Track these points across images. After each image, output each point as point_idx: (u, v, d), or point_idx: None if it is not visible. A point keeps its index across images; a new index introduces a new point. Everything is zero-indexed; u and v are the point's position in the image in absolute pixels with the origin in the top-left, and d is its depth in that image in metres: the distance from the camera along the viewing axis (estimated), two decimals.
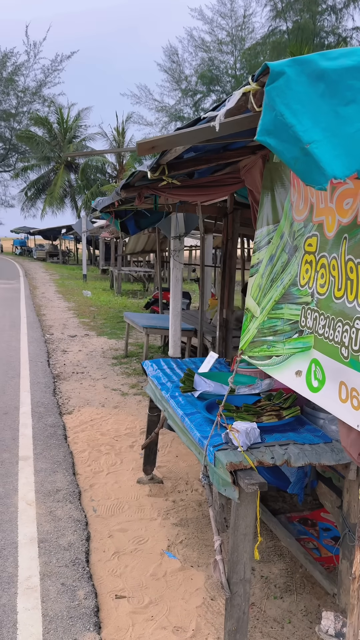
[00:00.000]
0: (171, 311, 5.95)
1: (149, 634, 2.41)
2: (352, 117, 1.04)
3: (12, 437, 4.53)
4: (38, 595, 2.61)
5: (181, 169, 2.06)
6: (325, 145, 1.02)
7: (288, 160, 1.06)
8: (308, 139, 1.02)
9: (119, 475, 3.93)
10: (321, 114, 1.05)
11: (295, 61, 1.09)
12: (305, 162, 1.03)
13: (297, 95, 1.06)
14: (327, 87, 1.06)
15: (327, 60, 1.08)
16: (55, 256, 36.41)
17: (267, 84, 1.07)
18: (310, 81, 1.07)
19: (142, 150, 1.31)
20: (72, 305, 13.21)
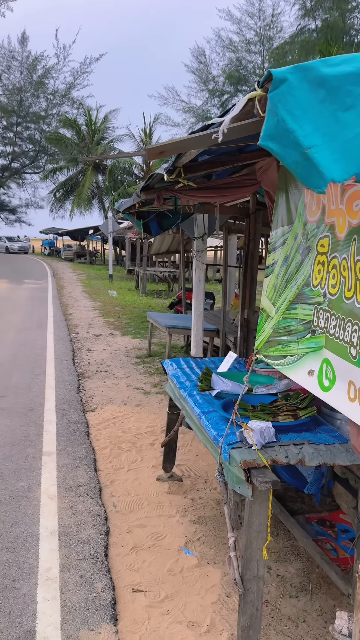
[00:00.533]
0: (193, 311, 6.00)
1: (164, 627, 2.45)
2: (351, 122, 1.06)
3: (37, 433, 4.64)
4: (57, 587, 2.68)
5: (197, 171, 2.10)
6: (325, 149, 1.04)
7: (289, 165, 1.08)
8: (308, 143, 1.05)
9: (139, 472, 3.99)
10: (321, 119, 1.07)
11: (297, 68, 1.12)
12: (305, 166, 1.05)
13: (298, 101, 1.09)
14: (327, 93, 1.08)
15: (329, 66, 1.10)
16: (83, 257, 36.85)
17: (270, 90, 1.10)
18: (311, 87, 1.09)
19: (151, 154, 1.35)
20: (98, 305, 13.37)
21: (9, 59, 44.27)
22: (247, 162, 2.18)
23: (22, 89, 44.71)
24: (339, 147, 1.04)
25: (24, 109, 45.34)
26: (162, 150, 1.35)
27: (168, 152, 1.38)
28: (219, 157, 2.15)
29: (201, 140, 1.31)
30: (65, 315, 11.45)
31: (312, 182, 1.05)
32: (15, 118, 45.44)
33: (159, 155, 1.38)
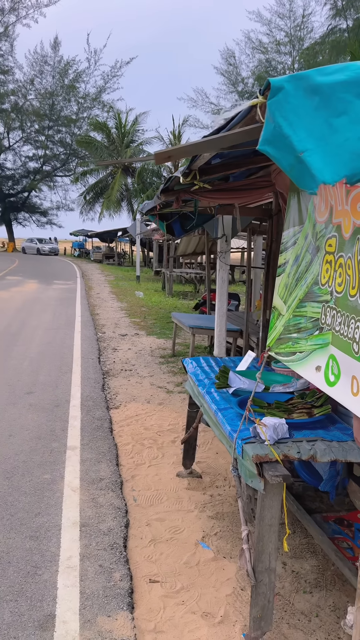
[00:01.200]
0: (217, 311, 6.05)
1: (178, 616, 2.52)
2: (342, 128, 1.11)
3: (62, 428, 4.78)
4: (77, 574, 2.78)
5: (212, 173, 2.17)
6: (317, 153, 1.10)
7: (284, 167, 1.14)
8: (302, 147, 1.10)
9: (159, 468, 4.08)
10: (315, 125, 1.13)
11: (293, 77, 1.18)
12: (299, 169, 1.11)
13: (293, 108, 1.15)
14: (321, 100, 1.14)
15: (323, 75, 1.16)
16: (111, 258, 37.28)
17: (268, 98, 1.16)
18: (306, 95, 1.15)
19: (159, 159, 1.43)
20: (125, 306, 13.55)
21: (41, 64, 45.19)
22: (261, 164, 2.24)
23: (54, 93, 45.55)
24: (331, 151, 1.09)
25: (55, 112, 46.17)
26: (170, 155, 1.42)
27: (175, 156, 1.45)
28: (233, 160, 2.21)
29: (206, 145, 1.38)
30: (92, 315, 11.65)
31: (305, 183, 1.11)
32: (47, 122, 46.31)
33: (166, 159, 1.45)
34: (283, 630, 2.46)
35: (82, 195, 42.16)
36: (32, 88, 45.52)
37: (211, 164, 2.16)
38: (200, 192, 2.56)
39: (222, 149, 1.54)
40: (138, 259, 21.79)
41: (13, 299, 13.91)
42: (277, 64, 34.37)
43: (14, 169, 50.38)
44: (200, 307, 10.05)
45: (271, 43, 34.35)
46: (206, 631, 2.43)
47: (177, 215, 4.72)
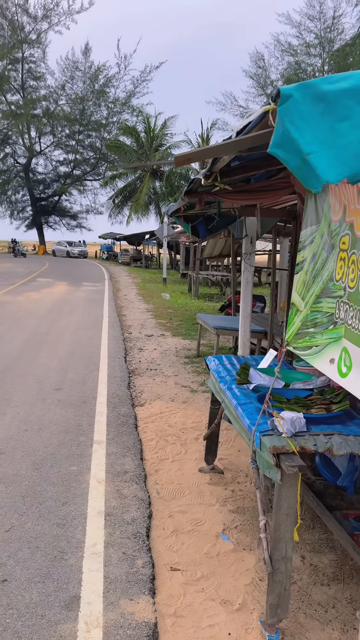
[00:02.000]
0: (241, 312, 6.12)
1: (198, 603, 2.61)
2: (345, 132, 1.19)
3: (89, 423, 4.93)
4: (101, 560, 2.90)
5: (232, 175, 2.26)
6: (322, 155, 1.18)
7: (292, 168, 1.23)
8: (308, 150, 1.19)
9: (182, 463, 4.17)
10: (320, 129, 1.21)
11: (301, 85, 1.26)
12: (305, 170, 1.19)
13: (301, 114, 1.23)
14: (326, 106, 1.22)
15: (329, 83, 1.24)
16: (139, 261, 37.64)
17: (278, 105, 1.25)
18: (313, 102, 1.24)
19: (179, 162, 1.53)
20: (151, 307, 13.71)
21: (72, 70, 46.07)
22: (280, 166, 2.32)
23: (85, 98, 46.34)
24: (334, 153, 1.17)
25: (85, 117, 46.95)
26: (189, 158, 1.52)
27: (194, 159, 1.55)
28: (252, 162, 2.30)
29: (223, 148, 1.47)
30: (119, 316, 11.84)
31: (310, 183, 1.19)
32: (77, 126, 47.13)
33: (186, 162, 1.55)
34: (300, 619, 2.52)
35: (111, 199, 42.73)
36: (63, 93, 46.44)
37: (231, 167, 2.25)
38: (222, 194, 2.65)
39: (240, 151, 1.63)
40: (165, 262, 21.97)
41: (43, 300, 14.23)
42: (306, 66, 34.23)
43: (45, 173, 51.47)
44: (226, 309, 10.12)
45: (301, 45, 34.24)
46: (224, 617, 2.51)
47: (201, 217, 4.81)
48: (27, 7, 43.28)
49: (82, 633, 2.35)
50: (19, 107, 44.49)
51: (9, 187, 49.67)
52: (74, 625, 2.40)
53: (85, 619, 2.45)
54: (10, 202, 51.10)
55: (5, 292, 15.82)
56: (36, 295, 15.52)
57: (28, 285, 18.45)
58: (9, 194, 50.32)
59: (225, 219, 5.07)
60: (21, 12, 42.93)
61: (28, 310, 12.21)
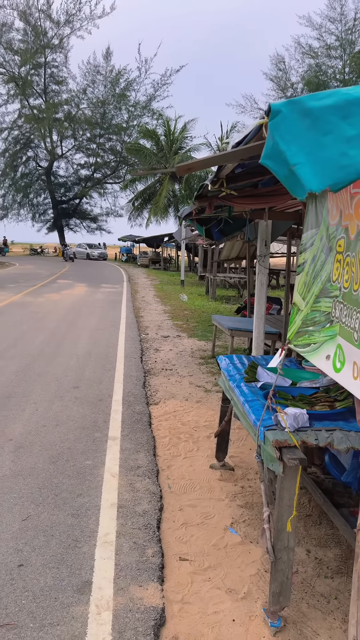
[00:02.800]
0: (255, 314, 6.21)
1: (204, 591, 2.72)
2: (328, 145, 1.29)
3: (104, 420, 5.07)
4: (113, 549, 3.03)
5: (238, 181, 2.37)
6: (306, 166, 1.28)
7: (280, 178, 1.34)
8: (294, 161, 1.30)
9: (194, 460, 4.29)
10: (306, 142, 1.32)
11: (290, 102, 1.37)
12: (292, 179, 1.30)
13: (289, 128, 1.34)
14: (312, 121, 1.32)
15: (314, 100, 1.35)
16: (157, 263, 37.88)
17: (269, 120, 1.36)
18: (300, 117, 1.34)
19: (181, 170, 1.64)
20: (168, 309, 13.86)
21: (93, 74, 46.59)
22: None
23: (106, 101, 46.80)
24: (318, 164, 1.28)
25: (106, 121, 47.42)
26: (190, 167, 1.63)
27: (195, 168, 1.66)
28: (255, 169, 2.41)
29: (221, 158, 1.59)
30: (137, 318, 12.01)
31: (296, 191, 1.30)
32: (98, 130, 47.62)
33: (187, 171, 1.67)
34: (302, 609, 2.61)
35: (130, 202, 43.08)
36: (85, 97, 47.01)
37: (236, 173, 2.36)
38: (229, 198, 2.76)
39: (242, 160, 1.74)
40: (183, 264, 22.13)
41: (63, 301, 14.48)
42: (327, 68, 34.12)
43: (66, 177, 52.12)
44: (242, 311, 10.20)
45: (321, 47, 34.15)
46: (229, 605, 2.62)
47: (215, 220, 4.93)
48: (50, 13, 43.96)
49: (93, 615, 2.48)
50: (41, 111, 45.16)
51: (31, 190, 50.42)
52: (86, 607, 2.53)
53: (96, 602, 2.58)
54: (32, 205, 51.88)
55: (27, 294, 16.13)
56: (56, 296, 15.80)
57: (49, 287, 18.77)
58: (31, 197, 51.09)
59: (238, 222, 5.18)
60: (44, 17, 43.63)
61: (48, 310, 12.46)
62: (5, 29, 43.04)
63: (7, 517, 3.29)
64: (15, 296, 15.30)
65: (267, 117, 1.38)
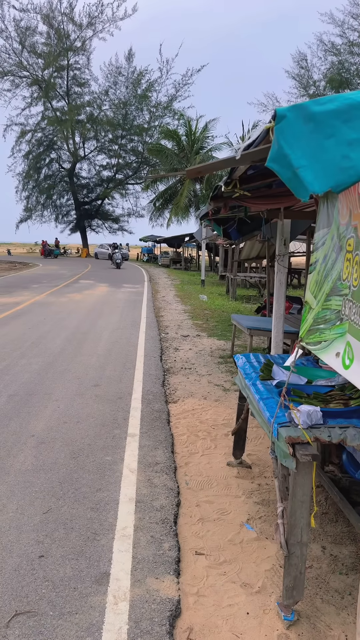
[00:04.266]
0: (274, 313, 6.22)
1: (219, 584, 2.77)
2: (330, 148, 1.33)
3: (124, 417, 5.16)
4: (130, 542, 3.10)
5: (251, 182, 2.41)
6: (309, 169, 1.33)
7: (285, 180, 1.38)
8: (297, 164, 1.34)
9: (211, 457, 4.34)
10: (309, 146, 1.36)
11: (294, 107, 1.42)
12: (295, 182, 1.34)
13: (293, 132, 1.38)
14: (315, 125, 1.37)
15: (318, 105, 1.39)
16: (178, 263, 37.97)
17: (275, 124, 1.41)
18: (304, 121, 1.38)
19: (191, 174, 1.70)
20: (188, 309, 13.92)
21: (115, 75, 46.93)
22: None
23: (127, 103, 47.10)
24: (320, 167, 1.32)
25: (128, 122, 47.71)
26: (199, 171, 1.68)
27: (204, 172, 1.71)
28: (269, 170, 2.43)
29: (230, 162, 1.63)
30: (157, 317, 12.10)
31: (299, 192, 1.34)
32: (120, 131, 47.95)
33: (197, 174, 1.72)
34: (316, 603, 2.65)
35: (152, 202, 43.27)
36: (107, 99, 47.38)
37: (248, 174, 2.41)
38: (243, 199, 2.81)
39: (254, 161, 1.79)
40: (203, 263, 22.15)
41: (85, 301, 14.67)
42: (350, 65, 33.73)
43: (89, 178, 52.63)
44: (262, 311, 10.20)
45: (344, 45, 33.79)
46: (244, 598, 2.66)
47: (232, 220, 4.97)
48: (73, 16, 44.42)
49: (110, 605, 2.56)
50: (64, 113, 45.70)
51: (54, 191, 51.05)
52: (103, 597, 2.61)
53: (113, 592, 2.65)
54: (56, 206, 52.51)
55: (50, 294, 16.38)
56: (78, 296, 16.00)
57: (71, 287, 19.01)
58: (54, 198, 51.73)
59: (256, 222, 5.21)
60: (67, 20, 44.13)
61: (70, 310, 12.64)
62: (29, 32, 43.69)
63: (29, 510, 3.39)
64: (38, 296, 15.56)
65: (273, 121, 1.43)
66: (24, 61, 44.46)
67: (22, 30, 43.38)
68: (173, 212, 38.71)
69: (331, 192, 2.05)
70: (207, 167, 1.67)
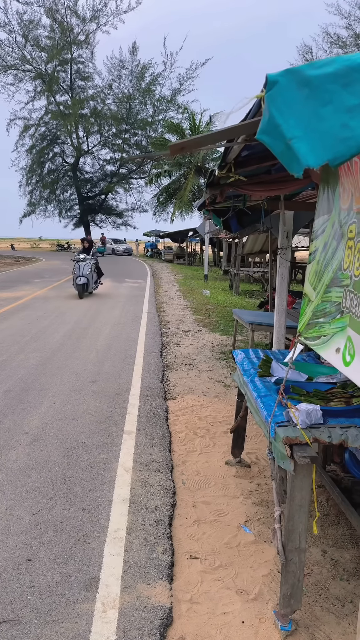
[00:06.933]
0: (276, 308, 6.06)
1: (214, 591, 2.64)
2: (327, 116, 1.19)
3: (121, 414, 5.03)
4: (122, 545, 2.97)
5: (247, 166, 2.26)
6: (304, 140, 1.18)
7: (277, 154, 1.24)
8: (290, 135, 1.19)
9: (210, 456, 4.20)
10: (303, 114, 1.21)
11: (287, 71, 1.27)
12: (288, 155, 1.20)
13: (285, 99, 1.24)
14: (310, 91, 1.22)
15: (314, 69, 1.24)
16: (182, 258, 37.77)
17: (265, 92, 1.26)
18: (298, 87, 1.24)
19: (173, 150, 1.55)
20: (191, 304, 13.76)
21: (119, 69, 46.56)
22: None
23: (131, 97, 46.76)
24: (316, 137, 1.17)
25: (132, 116, 47.39)
26: (183, 147, 1.54)
27: (188, 148, 1.56)
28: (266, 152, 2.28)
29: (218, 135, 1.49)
30: (158, 312, 11.96)
31: (292, 167, 1.20)
32: (124, 125, 47.63)
33: (180, 151, 1.57)
34: (315, 612, 2.51)
35: (155, 197, 43.01)
36: (110, 93, 47.03)
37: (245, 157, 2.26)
38: (239, 185, 2.65)
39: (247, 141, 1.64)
40: (206, 258, 21.97)
41: (86, 296, 14.53)
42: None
43: (92, 172, 52.34)
44: (265, 306, 10.04)
45: (350, 37, 33.36)
46: (239, 606, 2.53)
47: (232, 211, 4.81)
48: (76, 9, 44.06)
49: (99, 613, 2.43)
50: (68, 108, 45.41)
51: (58, 186, 50.81)
52: (92, 605, 2.48)
53: (102, 599, 2.53)
54: (59, 201, 52.27)
55: (51, 289, 16.26)
56: None
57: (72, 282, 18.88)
58: (58, 192, 51.48)
59: (257, 213, 5.05)
60: (70, 13, 43.76)
61: (70, 305, 12.52)
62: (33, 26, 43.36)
63: (18, 510, 3.27)
64: (39, 291, 15.44)
65: (264, 90, 1.29)
66: (27, 55, 44.15)
67: (26, 23, 43.06)
68: (177, 206, 38.45)
69: (332, 174, 1.90)
70: (191, 142, 1.53)
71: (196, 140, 1.53)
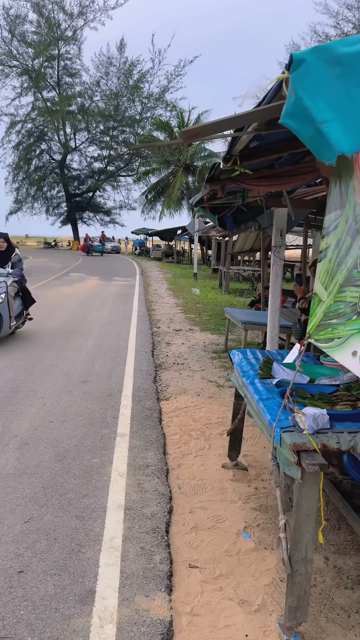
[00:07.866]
0: (270, 307, 5.98)
1: (215, 602, 2.54)
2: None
3: (113, 416, 4.91)
4: (119, 554, 2.86)
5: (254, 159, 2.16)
6: (336, 124, 1.08)
7: (305, 139, 1.13)
8: (321, 119, 1.09)
9: (206, 459, 4.10)
10: (335, 95, 1.11)
11: (316, 49, 1.16)
12: (318, 140, 1.10)
13: (314, 79, 1.13)
14: (342, 70, 1.12)
15: (346, 45, 1.14)
16: (171, 256, 37.65)
17: (290, 72, 1.15)
18: (328, 66, 1.13)
19: (187, 137, 1.44)
20: (181, 302, 13.66)
21: (107, 66, 46.27)
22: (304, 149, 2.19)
23: (119, 94, 46.47)
24: (350, 120, 1.08)
25: (120, 113, 47.10)
26: (197, 133, 1.43)
27: (201, 134, 1.46)
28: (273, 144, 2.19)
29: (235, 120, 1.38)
30: (148, 311, 11.83)
31: (323, 154, 1.10)
32: (111, 122, 47.32)
33: (193, 137, 1.46)
34: (321, 623, 2.42)
35: (143, 195, 42.81)
36: (98, 89, 46.71)
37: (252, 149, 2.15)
38: (243, 179, 2.55)
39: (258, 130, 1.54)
40: (195, 257, 21.90)
41: (75, 295, 14.36)
42: None
43: (80, 170, 51.97)
44: (256, 304, 9.97)
45: (338, 36, 33.46)
46: (242, 618, 2.43)
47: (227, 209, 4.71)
48: (64, 5, 43.65)
49: (96, 628, 2.31)
50: (55, 104, 44.99)
51: (45, 183, 50.36)
52: (88, 619, 2.36)
53: (99, 613, 2.41)
54: (46, 198, 51.82)
55: (38, 287, 16.04)
56: (68, 289, 15.68)
57: (61, 280, 18.68)
58: (45, 190, 51.03)
59: (253, 210, 4.95)
60: (57, 9, 43.36)
61: (59, 304, 12.33)
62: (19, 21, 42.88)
63: (9, 519, 3.14)
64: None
65: (287, 71, 1.18)
66: (13, 50, 43.66)
67: (12, 18, 42.57)
68: (165, 204, 38.33)
69: (345, 166, 1.80)
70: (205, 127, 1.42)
71: (211, 126, 1.42)
